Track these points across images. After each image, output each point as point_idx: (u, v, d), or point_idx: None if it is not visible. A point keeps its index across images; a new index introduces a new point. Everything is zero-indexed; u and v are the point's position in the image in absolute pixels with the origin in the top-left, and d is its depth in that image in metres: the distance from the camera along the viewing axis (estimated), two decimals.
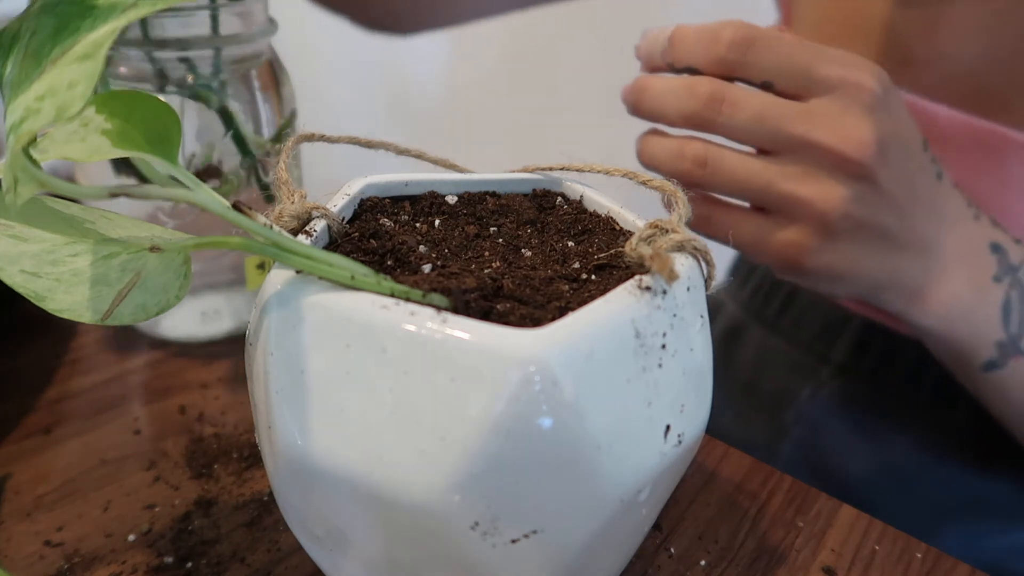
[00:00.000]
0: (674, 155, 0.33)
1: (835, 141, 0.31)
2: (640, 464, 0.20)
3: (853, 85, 0.31)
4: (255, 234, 0.20)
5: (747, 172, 0.32)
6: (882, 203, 0.32)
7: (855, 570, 0.30)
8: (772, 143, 0.32)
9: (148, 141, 0.20)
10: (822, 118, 0.31)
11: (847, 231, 0.32)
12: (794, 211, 0.32)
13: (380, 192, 0.27)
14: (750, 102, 0.32)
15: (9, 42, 0.19)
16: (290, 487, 0.21)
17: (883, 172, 0.32)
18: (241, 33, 0.37)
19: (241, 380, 0.39)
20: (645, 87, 0.34)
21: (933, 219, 0.34)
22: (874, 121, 0.31)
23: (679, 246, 0.23)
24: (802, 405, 0.52)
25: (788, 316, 0.55)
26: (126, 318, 0.21)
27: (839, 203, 0.31)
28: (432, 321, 0.18)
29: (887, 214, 0.33)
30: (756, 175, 0.32)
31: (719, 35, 0.32)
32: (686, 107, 0.32)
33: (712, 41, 0.32)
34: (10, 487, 0.32)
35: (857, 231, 0.33)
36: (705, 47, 0.32)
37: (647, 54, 0.35)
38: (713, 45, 0.32)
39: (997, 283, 0.37)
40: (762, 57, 0.32)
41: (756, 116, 0.32)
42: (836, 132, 0.31)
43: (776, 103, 0.32)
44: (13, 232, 0.21)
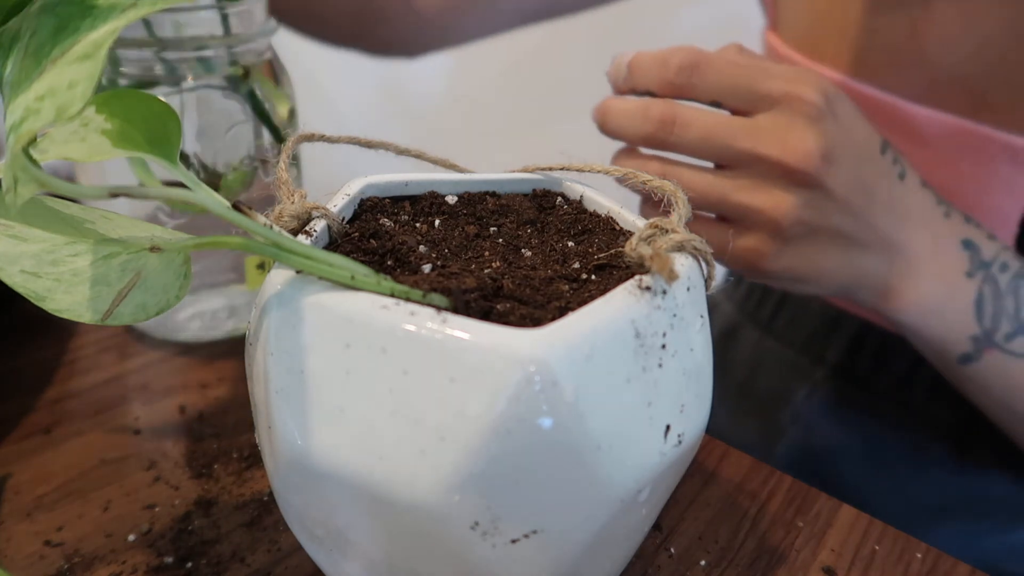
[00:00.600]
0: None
1: (780, 153, 0.32)
2: (640, 464, 0.20)
3: (795, 99, 0.33)
4: (255, 234, 0.20)
5: (702, 185, 0.34)
6: (834, 207, 0.34)
7: (855, 570, 0.30)
8: (722, 158, 0.34)
9: (148, 141, 0.20)
10: (767, 132, 0.33)
11: (801, 235, 0.34)
12: (749, 219, 0.34)
13: (380, 192, 0.27)
14: (698, 121, 0.34)
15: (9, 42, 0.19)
16: (290, 487, 0.21)
17: (831, 178, 0.33)
18: (241, 33, 0.37)
19: (241, 380, 0.39)
20: (608, 109, 0.36)
21: (896, 219, 0.35)
22: (817, 131, 0.33)
23: (679, 246, 0.23)
24: (797, 406, 0.52)
25: (782, 317, 0.55)
26: (126, 318, 0.21)
27: (789, 210, 0.33)
28: (432, 321, 0.18)
29: (840, 217, 0.34)
30: (711, 188, 0.34)
31: (668, 61, 0.34)
32: (641, 129, 0.35)
33: (662, 67, 0.34)
34: (10, 487, 0.32)
35: (812, 235, 0.34)
36: (656, 72, 0.35)
37: (613, 79, 0.37)
38: (663, 70, 0.34)
39: (969, 279, 0.37)
40: (707, 79, 0.34)
41: (705, 134, 0.34)
42: (780, 144, 0.33)
43: (723, 121, 0.34)
44: (13, 232, 0.21)
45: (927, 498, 0.48)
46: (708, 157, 0.34)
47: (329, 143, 0.29)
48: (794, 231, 0.33)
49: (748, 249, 0.34)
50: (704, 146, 0.34)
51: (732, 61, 0.34)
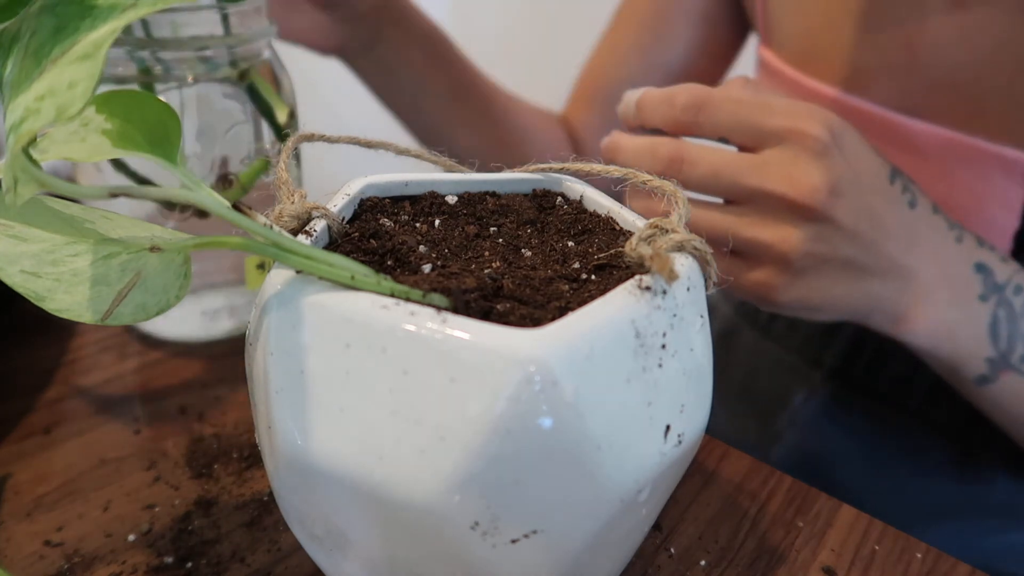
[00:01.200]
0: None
1: (786, 189, 0.33)
2: (640, 464, 0.20)
3: (800, 134, 0.33)
4: (255, 234, 0.20)
5: (711, 221, 0.35)
6: (843, 238, 0.34)
7: (855, 570, 0.30)
8: (730, 194, 0.34)
9: (148, 141, 0.20)
10: (773, 168, 0.33)
11: (812, 267, 0.34)
12: (758, 254, 0.34)
13: (380, 192, 0.27)
14: (705, 159, 0.34)
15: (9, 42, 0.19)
16: (290, 487, 0.21)
17: (838, 211, 0.33)
18: (241, 33, 0.37)
19: (241, 380, 0.39)
20: (618, 146, 0.37)
21: (907, 246, 0.36)
22: (823, 166, 0.33)
23: (679, 246, 0.23)
24: (795, 409, 0.52)
25: (781, 320, 0.55)
26: (126, 318, 0.21)
27: (798, 244, 0.33)
28: (432, 321, 0.18)
29: (850, 247, 0.34)
30: (719, 224, 0.35)
31: (674, 99, 0.35)
32: (650, 167, 0.35)
33: (668, 105, 0.35)
34: (10, 487, 0.32)
35: (822, 266, 0.34)
36: (663, 111, 0.35)
37: (623, 115, 0.38)
38: (669, 109, 0.35)
39: (983, 302, 0.38)
40: (713, 117, 0.34)
41: (712, 172, 0.34)
42: (786, 180, 0.33)
43: (729, 158, 0.34)
44: (13, 232, 0.21)
45: (925, 500, 0.48)
46: (716, 193, 0.35)
47: (329, 143, 0.29)
48: (803, 263, 0.34)
49: (758, 283, 0.35)
50: (712, 183, 0.34)
51: (737, 98, 0.34)
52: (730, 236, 0.34)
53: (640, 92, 0.37)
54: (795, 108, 0.34)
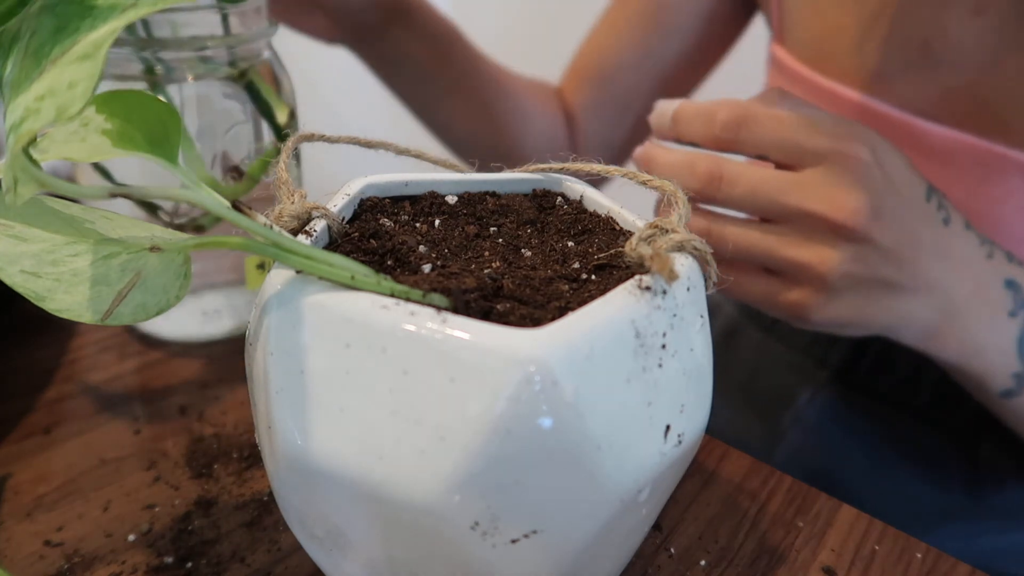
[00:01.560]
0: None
1: (827, 209, 0.32)
2: (640, 464, 0.20)
3: (843, 155, 0.33)
4: (255, 234, 0.20)
5: (749, 240, 0.34)
6: (881, 258, 0.34)
7: (855, 570, 0.30)
8: (769, 213, 0.34)
9: (148, 141, 0.20)
10: (814, 188, 0.33)
11: (848, 287, 0.34)
12: (795, 273, 0.34)
13: (380, 192, 0.27)
14: (744, 177, 0.34)
15: (9, 42, 0.19)
16: (290, 487, 0.21)
17: (879, 232, 0.33)
18: (241, 33, 0.37)
19: (241, 380, 0.39)
20: (653, 158, 0.36)
21: (940, 263, 0.35)
22: (864, 187, 0.33)
23: (679, 246, 0.23)
24: (799, 408, 0.52)
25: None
26: (126, 318, 0.21)
27: (837, 264, 0.33)
28: (432, 321, 0.18)
29: (887, 267, 0.34)
30: (757, 242, 0.34)
31: (714, 116, 0.34)
32: (688, 184, 0.35)
33: (708, 122, 0.34)
34: (10, 487, 0.32)
35: (859, 285, 0.34)
36: (702, 127, 0.35)
37: (656, 126, 0.37)
38: (708, 126, 0.34)
39: (1012, 318, 0.38)
40: (754, 135, 0.34)
41: (751, 190, 0.34)
42: (827, 201, 0.32)
43: (769, 177, 0.34)
44: (13, 232, 0.21)
45: (929, 500, 0.48)
46: (755, 212, 0.34)
47: (329, 143, 0.29)
48: (841, 284, 0.34)
49: (795, 302, 0.35)
50: (750, 202, 0.34)
51: (778, 116, 0.34)
52: (767, 255, 0.34)
53: (676, 104, 0.36)
54: (838, 127, 0.34)
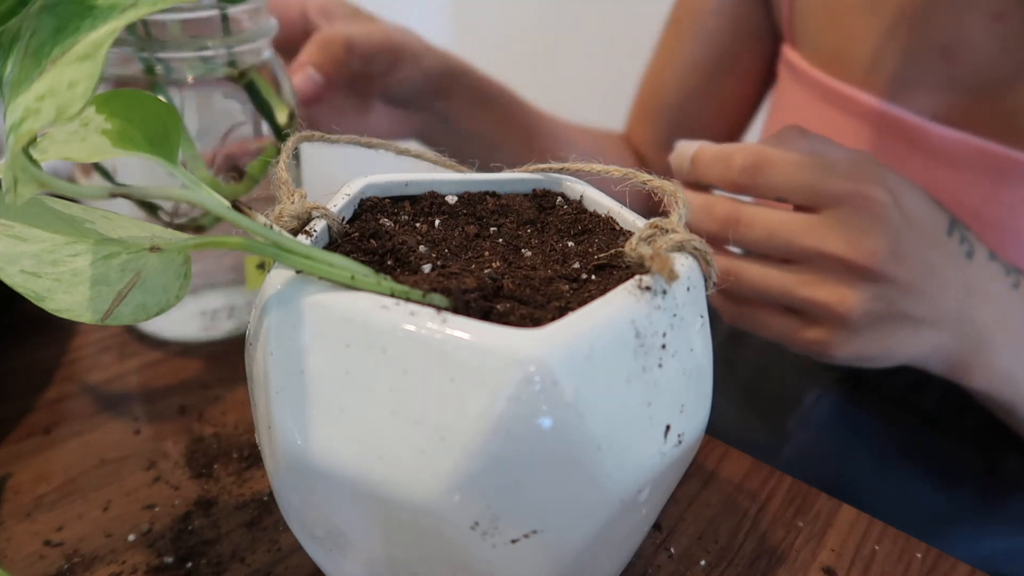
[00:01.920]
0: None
1: (845, 251, 0.33)
2: (640, 464, 0.20)
3: (860, 196, 0.33)
4: (255, 234, 0.20)
5: (767, 281, 0.35)
6: (901, 295, 0.34)
7: (855, 570, 0.30)
8: (786, 254, 0.34)
9: (148, 141, 0.20)
10: (832, 230, 0.33)
11: (869, 324, 0.34)
12: (815, 313, 0.34)
13: (380, 192, 0.27)
14: (761, 220, 0.34)
15: (9, 42, 0.19)
16: (290, 487, 0.21)
17: (899, 271, 0.33)
18: (241, 33, 0.37)
19: (241, 380, 0.39)
20: None
21: (965, 296, 0.36)
22: (882, 228, 0.33)
23: (679, 246, 0.23)
24: (806, 409, 0.52)
25: None
26: (126, 318, 0.21)
27: (857, 304, 0.33)
28: (432, 321, 0.18)
29: (908, 303, 0.34)
30: (776, 283, 0.34)
31: (731, 160, 0.34)
32: (706, 226, 0.35)
33: (725, 166, 0.35)
34: (10, 487, 0.32)
35: (880, 322, 0.34)
36: (720, 171, 0.35)
37: (676, 167, 0.38)
38: (726, 170, 0.35)
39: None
40: (771, 179, 0.34)
41: (768, 233, 0.34)
42: (845, 242, 0.33)
43: (786, 219, 0.34)
44: (13, 232, 0.21)
45: (936, 502, 0.48)
46: (772, 253, 0.35)
47: (329, 143, 0.29)
48: (861, 322, 0.34)
49: (815, 341, 0.35)
50: (768, 244, 0.34)
51: (794, 160, 0.34)
52: (786, 295, 0.34)
53: (694, 147, 0.36)
54: (856, 169, 0.34)
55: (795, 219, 0.34)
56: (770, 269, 0.35)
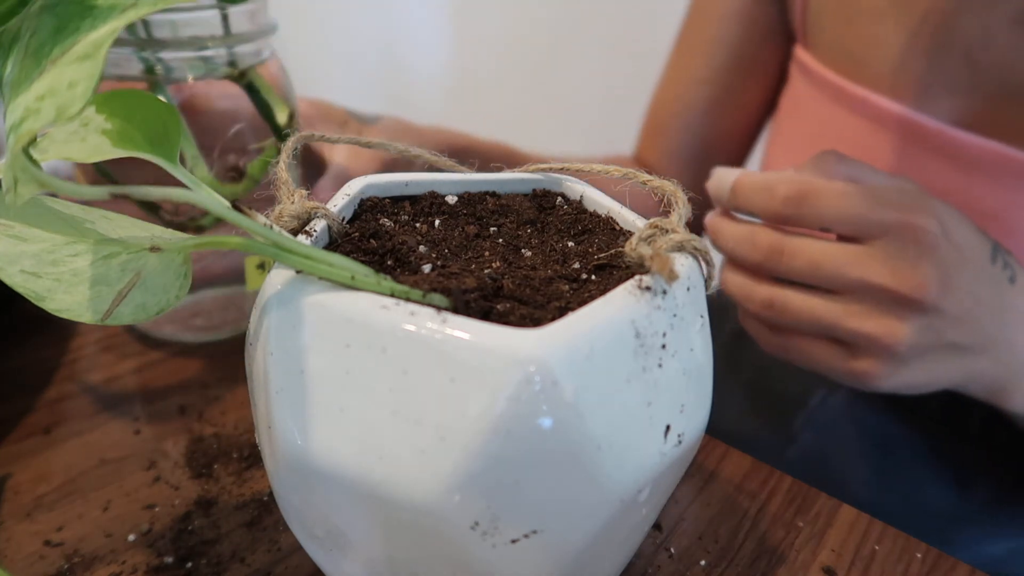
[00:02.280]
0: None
1: (893, 283, 0.32)
2: (640, 464, 0.20)
3: (908, 226, 0.32)
4: (255, 234, 0.20)
5: (811, 312, 0.34)
6: (948, 325, 0.33)
7: (855, 570, 0.30)
8: (832, 285, 0.34)
9: (148, 141, 0.20)
10: (879, 261, 0.32)
11: (916, 355, 0.34)
12: (861, 345, 0.34)
13: (380, 192, 0.27)
14: (806, 251, 0.34)
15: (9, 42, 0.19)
16: (290, 487, 0.21)
17: (947, 302, 0.33)
18: (241, 33, 0.37)
19: (241, 380, 0.39)
20: (717, 230, 0.37)
21: (1007, 322, 0.35)
22: (932, 259, 0.32)
23: (679, 246, 0.23)
24: (811, 410, 0.52)
25: None
26: (126, 318, 0.21)
27: (904, 337, 0.33)
28: (432, 321, 0.18)
29: (954, 332, 0.34)
30: (821, 314, 0.34)
31: (774, 190, 0.34)
32: (750, 256, 0.35)
33: (768, 196, 0.34)
34: (10, 487, 0.32)
35: (926, 353, 0.34)
36: (762, 201, 0.35)
37: (715, 195, 0.37)
38: (769, 200, 0.34)
39: None
40: (816, 210, 0.33)
41: (813, 264, 0.33)
42: (893, 274, 0.32)
43: (831, 250, 0.33)
44: (13, 232, 0.21)
45: (939, 505, 0.47)
46: (817, 284, 0.34)
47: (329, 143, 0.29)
48: (908, 354, 0.33)
49: (862, 372, 0.35)
50: (813, 274, 0.34)
51: (840, 190, 0.33)
52: (831, 327, 0.34)
53: (734, 175, 0.36)
54: (903, 198, 0.33)
55: (841, 250, 0.33)
56: (815, 299, 0.34)
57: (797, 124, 0.56)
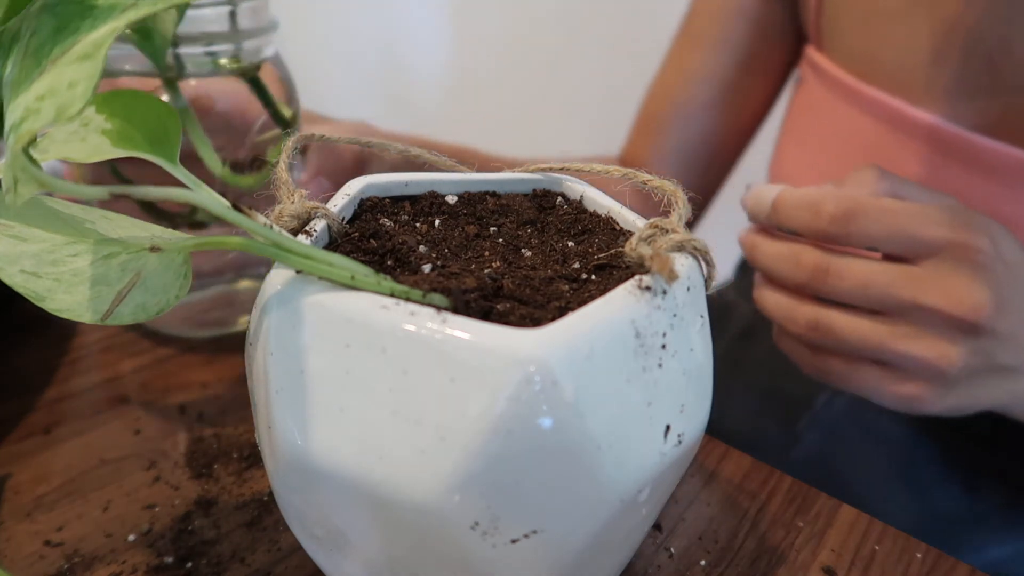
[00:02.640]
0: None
1: (946, 304, 0.31)
2: (640, 464, 0.20)
3: (961, 246, 0.31)
4: (255, 234, 0.20)
5: (859, 334, 0.33)
6: (1001, 347, 0.33)
7: (855, 570, 0.30)
8: (880, 306, 0.33)
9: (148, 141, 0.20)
10: (931, 281, 0.32)
11: (967, 378, 0.33)
12: (911, 368, 0.33)
13: (380, 192, 0.27)
14: (854, 271, 0.32)
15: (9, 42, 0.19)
16: (290, 487, 0.21)
17: (1000, 324, 0.32)
18: (245, 30, 0.37)
19: (241, 380, 0.39)
20: (755, 246, 0.36)
21: None
22: (987, 280, 0.32)
23: (679, 246, 0.23)
24: (817, 410, 0.52)
25: None
26: (126, 318, 0.21)
27: (957, 360, 0.32)
28: (432, 321, 0.18)
29: (1006, 354, 0.33)
30: (869, 336, 0.33)
31: (820, 208, 0.33)
32: (793, 276, 0.34)
33: (814, 215, 0.33)
34: (10, 487, 0.32)
35: (976, 375, 0.33)
36: (807, 219, 0.33)
37: (752, 213, 0.36)
38: (815, 219, 0.33)
39: None
40: (865, 228, 0.32)
41: (862, 285, 0.32)
42: (947, 295, 0.31)
43: (881, 270, 0.32)
44: (13, 232, 0.21)
45: (946, 507, 0.47)
46: (865, 305, 0.33)
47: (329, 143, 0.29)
48: (960, 377, 0.33)
49: (911, 396, 0.34)
50: (861, 295, 0.33)
51: (890, 208, 0.32)
52: (879, 349, 0.33)
53: (775, 190, 0.35)
54: (955, 217, 0.32)
55: (891, 270, 0.32)
56: (862, 321, 0.33)
57: (810, 125, 0.55)
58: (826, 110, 0.53)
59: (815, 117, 0.54)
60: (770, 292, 0.36)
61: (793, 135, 0.58)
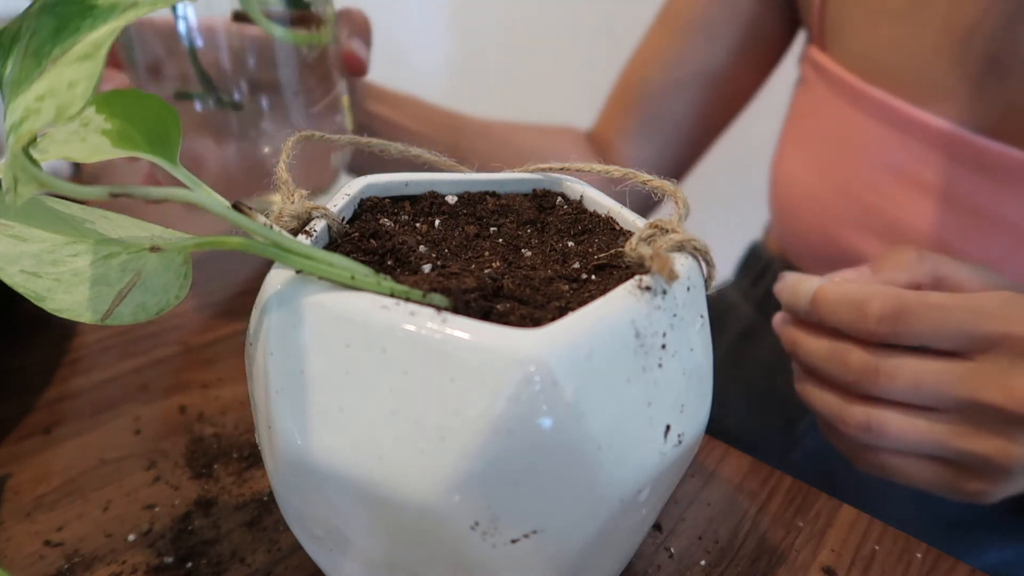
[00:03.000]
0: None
1: (1005, 400, 0.31)
2: (640, 464, 0.20)
3: (1018, 339, 0.31)
4: (255, 234, 0.20)
5: (915, 434, 0.32)
6: None
7: (855, 570, 0.30)
8: (935, 403, 0.32)
9: (148, 141, 0.20)
10: (988, 378, 0.31)
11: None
12: (971, 464, 0.32)
13: (380, 192, 0.27)
14: (905, 371, 0.31)
15: (9, 42, 0.19)
16: (290, 487, 0.21)
17: None
18: None
19: (241, 380, 0.39)
20: (797, 343, 0.35)
21: None
22: None
23: (679, 246, 0.23)
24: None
25: None
26: (126, 318, 0.21)
27: (1018, 455, 0.31)
28: (432, 321, 0.18)
29: None
30: (927, 436, 0.32)
31: (866, 308, 0.32)
32: (840, 376, 0.33)
33: (860, 315, 0.32)
34: (10, 487, 0.32)
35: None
36: (852, 319, 0.32)
37: (789, 304, 0.35)
38: (860, 319, 0.32)
39: None
40: (914, 328, 0.31)
41: (914, 384, 0.31)
42: (1006, 392, 0.31)
43: (933, 369, 0.31)
44: (13, 232, 0.21)
45: (945, 510, 0.47)
46: (919, 403, 0.32)
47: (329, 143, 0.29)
48: (1020, 469, 0.32)
49: (973, 491, 0.33)
50: (914, 394, 0.32)
51: (939, 304, 0.31)
52: (938, 447, 0.32)
53: (813, 284, 0.34)
54: (1006, 309, 0.31)
55: (944, 368, 0.31)
56: (917, 420, 0.32)
57: (813, 126, 0.55)
58: (828, 111, 0.52)
59: (817, 118, 0.54)
60: (816, 390, 0.35)
61: (795, 135, 0.58)
